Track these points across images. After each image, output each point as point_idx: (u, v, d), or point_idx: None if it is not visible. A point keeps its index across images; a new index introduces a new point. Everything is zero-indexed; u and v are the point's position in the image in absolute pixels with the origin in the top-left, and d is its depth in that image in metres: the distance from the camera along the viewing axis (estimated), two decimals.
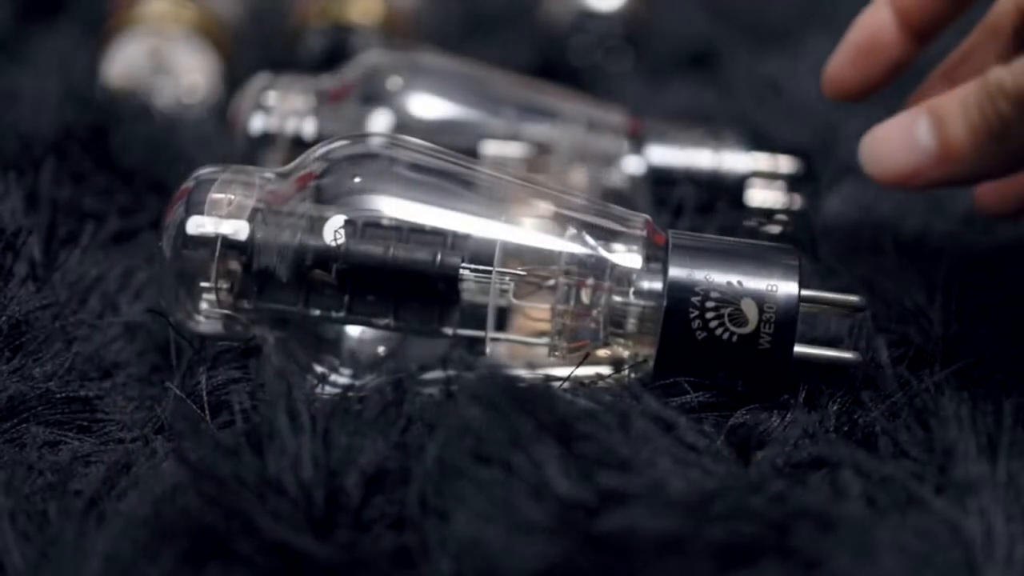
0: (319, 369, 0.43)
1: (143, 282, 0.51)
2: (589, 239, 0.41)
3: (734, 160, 0.57)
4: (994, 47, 0.47)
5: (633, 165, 0.56)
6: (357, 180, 0.42)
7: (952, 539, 0.33)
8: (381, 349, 0.44)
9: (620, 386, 0.40)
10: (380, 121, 0.55)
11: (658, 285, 0.40)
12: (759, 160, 0.58)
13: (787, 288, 0.40)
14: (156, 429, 0.42)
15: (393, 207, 0.42)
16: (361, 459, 0.35)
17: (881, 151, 0.40)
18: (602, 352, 0.41)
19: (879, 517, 0.35)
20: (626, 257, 0.41)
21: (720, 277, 0.40)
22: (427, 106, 0.56)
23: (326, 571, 0.33)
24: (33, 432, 0.41)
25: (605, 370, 0.41)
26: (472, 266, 0.41)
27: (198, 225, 0.41)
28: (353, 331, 0.44)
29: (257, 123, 0.55)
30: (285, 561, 0.33)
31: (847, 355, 0.41)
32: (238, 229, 0.41)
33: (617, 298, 0.41)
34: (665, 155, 0.56)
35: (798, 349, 0.40)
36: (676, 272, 0.40)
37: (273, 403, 0.36)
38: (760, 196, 0.57)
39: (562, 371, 0.41)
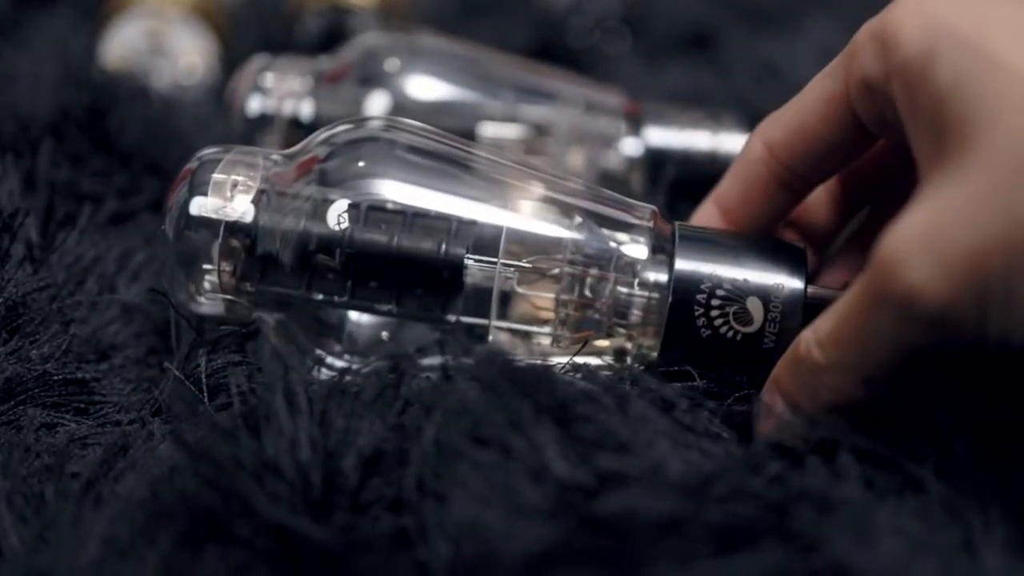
0: (318, 352, 0.43)
1: (141, 263, 0.51)
2: (595, 228, 0.41)
3: (732, 142, 0.56)
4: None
5: (631, 147, 0.55)
6: (361, 164, 0.41)
7: (951, 521, 0.33)
8: (384, 334, 0.44)
9: (619, 368, 0.40)
10: (377, 103, 0.54)
11: (663, 277, 0.40)
12: None
13: (793, 286, 0.39)
14: (153, 411, 0.42)
15: (398, 191, 0.41)
16: (359, 441, 0.35)
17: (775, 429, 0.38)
18: (605, 342, 0.41)
19: (878, 499, 0.35)
20: (632, 247, 0.41)
21: (726, 272, 0.39)
22: (425, 88, 0.56)
23: (324, 553, 0.33)
24: (30, 414, 0.41)
25: (608, 360, 0.41)
26: (477, 257, 0.41)
27: (201, 206, 0.41)
28: (354, 314, 0.44)
29: (255, 104, 0.55)
30: (283, 543, 0.33)
31: None
32: (242, 211, 0.41)
33: (622, 288, 0.40)
34: (663, 137, 0.56)
35: None
36: (682, 265, 0.39)
37: (271, 385, 0.36)
38: None
39: (564, 358, 0.41)
